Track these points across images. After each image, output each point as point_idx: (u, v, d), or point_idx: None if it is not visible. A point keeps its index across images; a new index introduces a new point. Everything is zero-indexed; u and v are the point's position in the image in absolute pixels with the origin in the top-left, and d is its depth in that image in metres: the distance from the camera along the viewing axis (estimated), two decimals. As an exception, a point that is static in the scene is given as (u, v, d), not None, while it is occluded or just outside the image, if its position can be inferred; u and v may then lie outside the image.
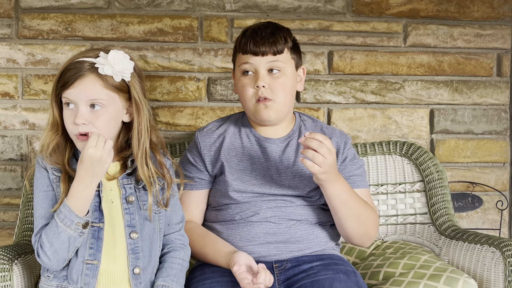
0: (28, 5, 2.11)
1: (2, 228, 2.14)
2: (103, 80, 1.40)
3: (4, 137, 2.12)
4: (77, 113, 1.39)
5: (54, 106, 1.44)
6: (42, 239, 1.37)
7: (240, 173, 1.61)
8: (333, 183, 1.50)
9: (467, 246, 1.73)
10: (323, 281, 1.46)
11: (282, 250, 1.56)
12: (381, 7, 2.24)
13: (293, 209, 1.59)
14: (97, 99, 1.40)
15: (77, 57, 1.42)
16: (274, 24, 1.63)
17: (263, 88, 1.55)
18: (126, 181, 1.47)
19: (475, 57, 2.29)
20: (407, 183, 2.00)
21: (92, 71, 1.40)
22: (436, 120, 2.28)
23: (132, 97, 1.44)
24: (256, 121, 1.63)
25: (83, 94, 1.39)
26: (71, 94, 1.39)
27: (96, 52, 1.42)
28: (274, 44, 1.56)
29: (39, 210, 1.42)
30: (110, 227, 1.43)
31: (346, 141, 1.67)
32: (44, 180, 1.44)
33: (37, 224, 1.41)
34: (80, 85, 1.39)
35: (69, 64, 1.41)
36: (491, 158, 2.31)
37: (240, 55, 1.60)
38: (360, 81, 2.25)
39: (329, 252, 1.60)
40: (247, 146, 1.64)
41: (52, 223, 1.37)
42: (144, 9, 2.16)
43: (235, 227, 1.59)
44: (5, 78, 2.11)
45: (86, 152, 1.34)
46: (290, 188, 1.60)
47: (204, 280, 1.51)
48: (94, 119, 1.40)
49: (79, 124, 1.39)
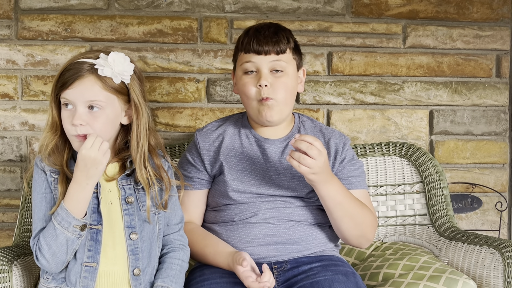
0: (28, 6, 2.11)
1: (2, 229, 2.14)
2: (102, 81, 1.39)
3: (4, 138, 2.12)
4: (75, 114, 1.39)
5: (53, 107, 1.43)
6: (40, 242, 1.37)
7: (239, 174, 1.61)
8: (326, 183, 1.49)
9: (466, 247, 1.73)
10: (322, 282, 1.45)
11: (281, 251, 1.56)
12: (380, 8, 2.24)
13: (292, 209, 1.59)
14: (96, 100, 1.39)
15: (77, 58, 1.41)
16: (276, 24, 1.63)
17: (265, 87, 1.55)
18: (126, 182, 1.46)
19: (474, 58, 2.29)
20: (406, 184, 2.00)
21: (91, 72, 1.39)
22: (436, 121, 2.28)
23: (132, 100, 1.43)
24: (258, 121, 1.62)
25: (82, 95, 1.38)
26: (69, 95, 1.39)
27: (97, 53, 1.41)
28: (277, 44, 1.57)
29: (37, 213, 1.42)
30: (110, 228, 1.43)
31: (345, 142, 1.67)
32: (42, 182, 1.43)
33: (36, 227, 1.40)
34: (79, 85, 1.38)
35: (68, 65, 1.40)
36: (490, 159, 2.31)
37: (242, 54, 1.59)
38: (359, 82, 2.25)
39: (328, 253, 1.60)
40: (246, 146, 1.64)
41: (49, 226, 1.37)
42: (143, 10, 2.16)
43: (234, 228, 1.59)
44: (4, 79, 2.11)
45: (81, 153, 1.34)
46: (289, 189, 1.60)
47: (203, 281, 1.51)
48: (92, 120, 1.39)
49: (77, 125, 1.38)
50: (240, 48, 1.60)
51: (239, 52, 1.62)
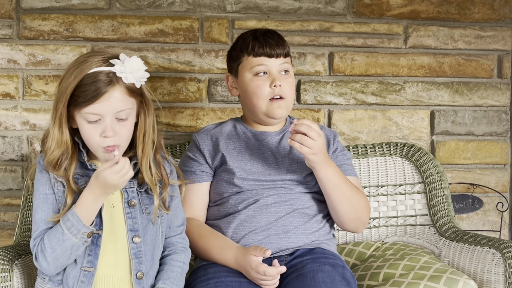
0: (29, 6, 2.11)
1: (3, 229, 2.14)
2: (127, 89, 1.36)
3: (5, 137, 2.12)
4: (103, 125, 1.35)
5: (63, 125, 1.37)
6: (44, 244, 1.35)
7: (240, 163, 1.67)
8: (324, 165, 1.59)
9: (467, 248, 1.73)
10: (307, 274, 1.49)
11: (282, 237, 1.60)
12: (381, 8, 2.24)
13: (292, 195, 1.65)
14: (125, 109, 1.36)
15: (88, 68, 1.35)
16: (273, 30, 1.74)
17: (279, 87, 1.66)
18: (128, 185, 1.43)
19: (475, 59, 2.29)
20: (407, 184, 2.00)
21: (117, 81, 1.35)
22: (437, 122, 2.28)
23: (145, 100, 1.42)
24: (263, 120, 1.71)
25: (112, 107, 1.34)
26: (97, 109, 1.34)
27: (100, 57, 1.37)
28: (284, 47, 1.70)
29: (38, 213, 1.39)
30: (111, 232, 1.42)
31: (335, 135, 1.78)
32: (45, 182, 1.41)
33: (37, 228, 1.39)
34: (109, 98, 1.34)
35: (84, 78, 1.34)
36: (491, 159, 2.31)
37: (251, 58, 1.68)
38: (360, 82, 2.25)
39: (324, 246, 1.63)
40: (244, 140, 1.72)
41: (57, 230, 1.35)
42: (145, 10, 2.16)
43: (237, 218, 1.62)
44: (6, 78, 2.12)
45: (105, 174, 1.31)
46: (289, 172, 1.67)
47: (208, 280, 1.52)
48: (121, 129, 1.36)
49: (110, 136, 1.35)
50: (248, 52, 1.69)
51: (244, 56, 1.70)
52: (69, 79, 1.35)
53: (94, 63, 1.36)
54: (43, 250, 1.36)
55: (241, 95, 1.72)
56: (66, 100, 1.35)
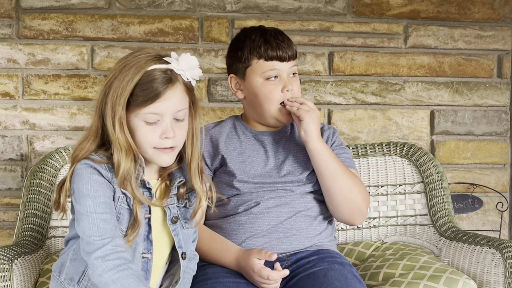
0: (29, 5, 2.11)
1: (2, 228, 2.14)
2: (186, 86, 1.29)
3: (4, 137, 2.12)
4: (164, 126, 1.26)
5: (125, 130, 1.24)
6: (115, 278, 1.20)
7: (240, 165, 1.64)
8: (318, 140, 1.58)
9: (467, 248, 1.73)
10: (318, 272, 1.48)
11: (283, 242, 1.58)
12: (381, 8, 2.24)
13: (293, 197, 1.62)
14: (183, 108, 1.28)
15: (146, 65, 1.25)
16: (277, 29, 1.68)
17: (291, 91, 1.62)
18: (170, 201, 1.34)
19: (475, 58, 2.29)
20: (407, 184, 1.99)
21: (176, 78, 1.26)
22: (437, 121, 2.28)
23: (195, 101, 1.33)
24: (274, 123, 1.66)
25: (173, 105, 1.26)
26: (159, 108, 1.24)
27: (155, 57, 1.27)
28: (293, 49, 1.64)
29: (102, 214, 1.22)
30: (158, 252, 1.33)
31: (334, 131, 1.75)
32: (107, 186, 1.26)
33: (104, 230, 1.21)
34: (171, 96, 1.25)
35: (143, 76, 1.24)
36: (491, 159, 2.31)
37: (262, 61, 1.61)
38: (360, 82, 2.25)
39: (326, 247, 1.62)
40: (244, 140, 1.69)
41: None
42: (144, 9, 2.16)
43: (238, 220, 1.61)
44: (5, 78, 2.12)
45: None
46: (289, 173, 1.64)
47: (206, 281, 1.52)
48: (178, 130, 1.28)
49: (171, 137, 1.26)
50: (259, 56, 1.62)
51: (253, 59, 1.62)
52: (124, 79, 1.24)
53: (150, 61, 1.26)
54: (113, 278, 1.20)
55: (249, 98, 1.66)
56: (125, 101, 1.24)
